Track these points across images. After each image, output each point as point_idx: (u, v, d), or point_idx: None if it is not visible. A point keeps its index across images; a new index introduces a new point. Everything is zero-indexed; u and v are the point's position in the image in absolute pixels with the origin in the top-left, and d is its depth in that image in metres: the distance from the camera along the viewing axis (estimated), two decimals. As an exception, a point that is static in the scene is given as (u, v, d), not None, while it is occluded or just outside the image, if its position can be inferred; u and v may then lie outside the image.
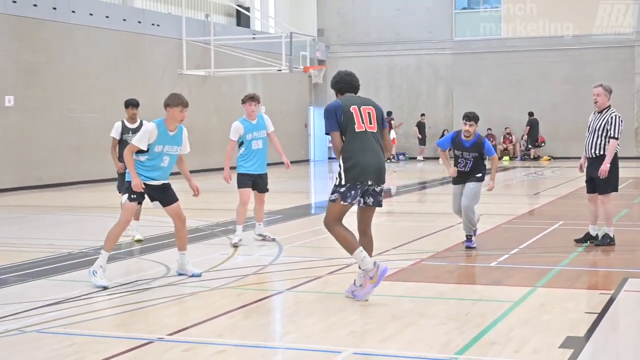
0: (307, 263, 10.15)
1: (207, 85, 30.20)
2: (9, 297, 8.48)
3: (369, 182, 8.05)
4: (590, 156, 11.29)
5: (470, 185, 11.47)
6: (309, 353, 6.27)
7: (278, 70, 30.29)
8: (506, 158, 35.42)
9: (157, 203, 9.43)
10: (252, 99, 12.43)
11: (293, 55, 29.31)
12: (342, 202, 8.04)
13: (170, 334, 6.85)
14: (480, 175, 11.59)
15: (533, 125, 35.09)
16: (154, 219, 14.54)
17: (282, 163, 12.48)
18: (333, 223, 8.12)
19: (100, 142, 24.40)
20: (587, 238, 11.44)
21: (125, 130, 12.74)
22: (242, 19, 33.21)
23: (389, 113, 36.13)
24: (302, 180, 27.94)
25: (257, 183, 12.21)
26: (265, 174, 12.25)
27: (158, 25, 27.84)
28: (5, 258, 10.81)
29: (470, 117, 11.61)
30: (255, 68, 31.20)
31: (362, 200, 8.15)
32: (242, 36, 31.60)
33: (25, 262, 10.62)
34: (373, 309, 7.77)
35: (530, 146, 35.53)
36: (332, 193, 8.11)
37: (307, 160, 37.12)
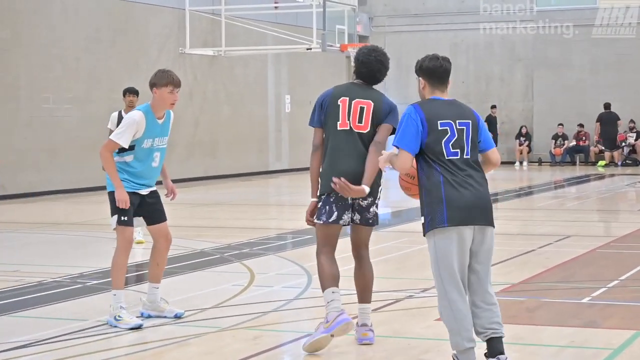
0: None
1: (216, 68, 30.29)
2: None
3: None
4: None
5: None
6: (347, 413, 6.27)
7: (307, 49, 30.29)
8: (601, 163, 35.19)
9: (140, 219, 9.31)
10: None
11: (327, 29, 29.33)
12: (317, 222, 7.94)
13: (169, 387, 6.89)
14: None
15: (604, 121, 34.76)
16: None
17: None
18: (319, 250, 8.02)
19: (81, 141, 24.62)
20: None
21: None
22: (261, -17, 33.34)
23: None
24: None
25: None
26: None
27: (154, -9, 28.00)
28: (-42, 288, 10.92)
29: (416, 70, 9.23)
30: (278, 46, 31.25)
31: (347, 216, 7.94)
32: (262, 5, 31.61)
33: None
34: (430, 356, 7.76)
35: (604, 148, 35.24)
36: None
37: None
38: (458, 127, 6.86)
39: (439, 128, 6.81)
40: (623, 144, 35.28)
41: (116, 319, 8.81)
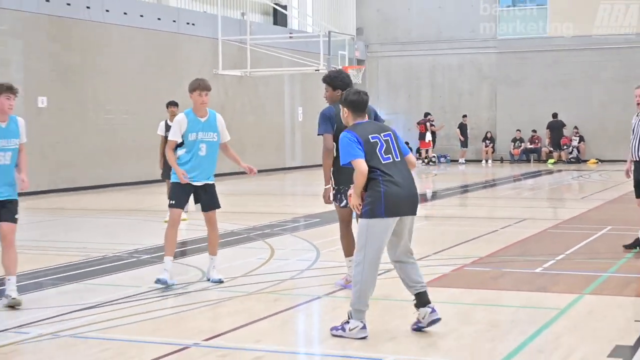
0: (345, 268, 10.14)
1: (243, 86, 30.31)
2: (42, 301, 8.58)
3: None
4: (637, 159, 11.19)
5: None
6: (349, 360, 6.28)
7: (316, 70, 30.27)
8: (551, 160, 35.13)
9: (199, 205, 9.52)
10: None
11: (331, 54, 29.33)
12: (336, 204, 8.87)
13: (206, 340, 6.89)
14: None
15: (552, 128, 34.79)
16: (192, 222, 14.67)
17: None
18: (341, 224, 8.94)
19: (135, 144, 24.67)
20: (637, 244, 11.32)
21: (168, 128, 13.43)
22: (279, 17, 33.28)
23: (426, 114, 36.05)
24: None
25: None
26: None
27: (193, 24, 28.01)
28: (39, 262, 10.93)
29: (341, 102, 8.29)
30: (292, 68, 31.24)
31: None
32: (279, 35, 31.67)
33: (59, 266, 10.74)
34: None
35: (552, 149, 35.24)
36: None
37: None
38: (383, 138, 7.07)
39: (371, 141, 6.98)
40: (565, 146, 35.18)
41: (158, 280, 9.07)
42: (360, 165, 6.86)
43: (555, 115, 34.71)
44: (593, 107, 35.13)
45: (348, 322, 6.96)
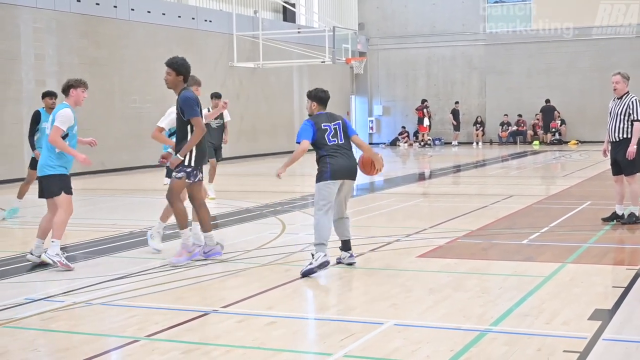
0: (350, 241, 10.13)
1: (256, 77, 30.24)
2: (76, 272, 8.58)
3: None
4: (614, 140, 11.16)
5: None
6: (353, 324, 6.26)
7: (322, 62, 30.24)
8: (536, 142, 35.05)
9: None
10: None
11: (336, 47, 29.22)
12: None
13: (225, 307, 6.89)
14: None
15: (545, 112, 34.76)
16: (213, 201, 14.67)
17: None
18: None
19: (159, 130, 24.64)
20: (614, 217, 11.30)
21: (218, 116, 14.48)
22: (288, 14, 33.16)
23: (423, 101, 35.99)
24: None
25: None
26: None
27: (210, 21, 27.91)
28: (72, 237, 10.95)
29: (309, 96, 8.91)
30: (300, 60, 31.17)
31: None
32: (288, 30, 31.54)
33: (91, 241, 10.75)
34: (412, 283, 7.76)
35: (543, 132, 35.15)
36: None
37: (349, 146, 37.03)
38: (333, 126, 8.56)
39: (322, 128, 8.51)
40: (554, 129, 35.06)
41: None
42: (302, 145, 8.47)
43: (547, 101, 34.64)
44: (573, 93, 34.98)
45: (313, 257, 8.20)
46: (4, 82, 20.59)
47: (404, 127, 37.35)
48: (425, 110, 35.51)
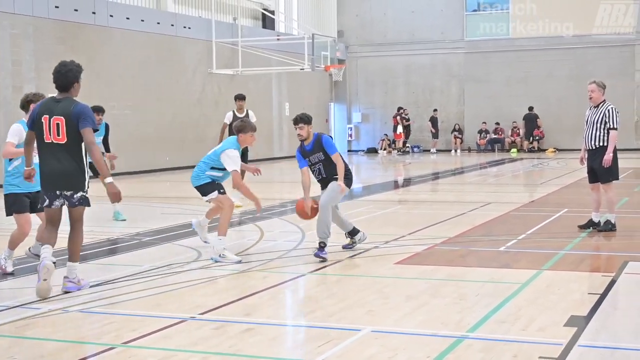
0: (328, 248, 10.15)
1: (235, 84, 30.19)
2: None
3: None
4: (591, 148, 11.26)
5: (332, 184, 9.59)
6: (331, 331, 6.27)
7: (301, 69, 30.25)
8: (514, 150, 35.25)
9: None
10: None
11: (315, 55, 29.27)
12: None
13: (202, 313, 6.88)
14: (346, 177, 9.67)
15: (528, 120, 35.01)
16: (188, 207, 14.63)
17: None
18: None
19: (137, 137, 24.55)
20: (590, 224, 11.39)
21: (235, 118, 14.69)
22: (267, 21, 33.20)
23: (399, 108, 36.11)
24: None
25: None
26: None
27: (189, 27, 27.87)
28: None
29: (298, 120, 9.60)
30: (279, 67, 31.19)
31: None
32: (267, 38, 31.57)
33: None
34: (389, 290, 7.78)
35: (525, 139, 35.38)
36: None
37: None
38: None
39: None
40: (538, 137, 35.26)
41: (221, 256, 9.25)
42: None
43: (531, 109, 34.90)
44: (550, 102, 35.21)
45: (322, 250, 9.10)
46: (-19, 87, 20.45)
47: (386, 135, 37.38)
48: (398, 118, 35.64)
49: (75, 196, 7.71)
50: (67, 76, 8.10)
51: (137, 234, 11.90)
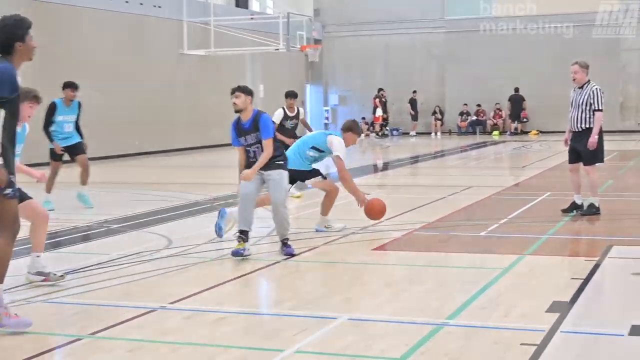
0: (304, 234, 10.12)
1: (207, 65, 30.07)
2: (15, 269, 8.43)
3: None
4: (576, 129, 11.30)
5: (273, 175, 8.82)
6: (306, 319, 6.26)
7: (275, 50, 30.17)
8: (496, 132, 35.39)
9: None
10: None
11: (290, 35, 29.23)
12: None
13: (173, 302, 6.84)
14: (280, 161, 8.94)
15: (514, 101, 35.15)
16: (158, 193, 14.56)
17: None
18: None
19: (105, 122, 24.37)
20: (573, 207, 11.43)
21: (286, 118, 13.92)
22: (240, 0, 33.04)
23: (379, 90, 36.01)
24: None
25: None
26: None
27: (159, 6, 27.69)
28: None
29: (235, 89, 8.81)
30: (253, 48, 31.05)
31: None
32: (241, 17, 31.45)
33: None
34: (367, 277, 7.77)
35: (511, 121, 35.53)
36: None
37: (305, 137, 37.03)
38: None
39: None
40: (525, 119, 35.42)
41: (326, 227, 10.29)
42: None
43: (517, 90, 35.03)
44: (534, 83, 35.30)
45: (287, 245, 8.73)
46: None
47: (364, 118, 37.35)
48: (377, 100, 35.60)
49: None
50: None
51: (105, 221, 11.81)
